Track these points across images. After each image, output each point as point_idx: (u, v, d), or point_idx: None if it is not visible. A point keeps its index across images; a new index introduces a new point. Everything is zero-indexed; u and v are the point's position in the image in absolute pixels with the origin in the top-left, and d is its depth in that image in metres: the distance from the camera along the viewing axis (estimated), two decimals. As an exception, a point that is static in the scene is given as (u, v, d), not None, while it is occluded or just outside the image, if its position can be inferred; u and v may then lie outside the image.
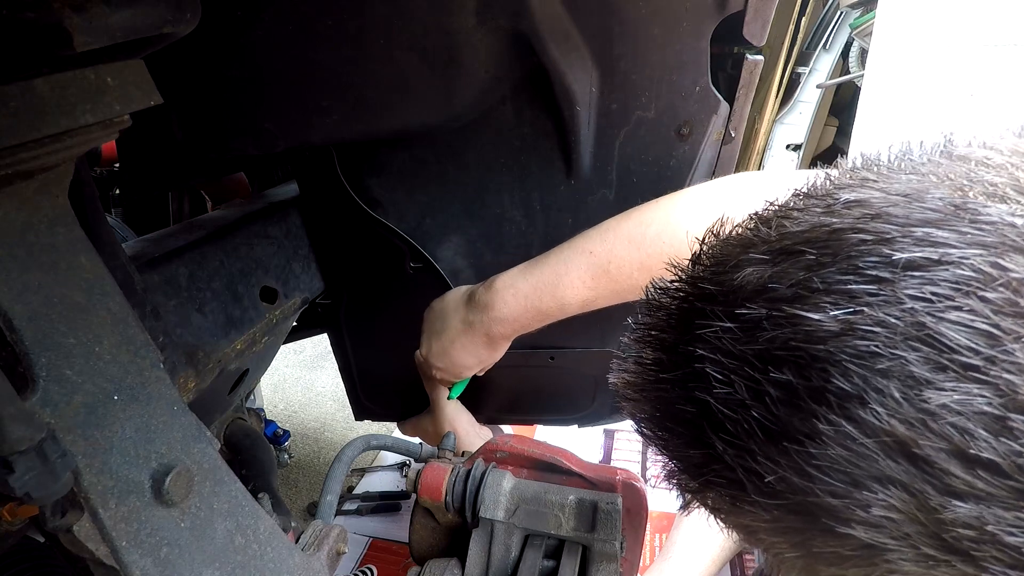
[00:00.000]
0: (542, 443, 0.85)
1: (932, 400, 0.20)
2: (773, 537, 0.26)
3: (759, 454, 0.24)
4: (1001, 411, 0.20)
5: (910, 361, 0.21)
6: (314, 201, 0.83)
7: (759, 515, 0.25)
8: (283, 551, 0.51)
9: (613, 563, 0.64)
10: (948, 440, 0.20)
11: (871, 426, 0.21)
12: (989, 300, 0.20)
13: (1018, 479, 0.20)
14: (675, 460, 0.30)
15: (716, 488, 0.27)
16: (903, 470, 0.21)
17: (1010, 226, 0.21)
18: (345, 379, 1.04)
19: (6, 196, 0.34)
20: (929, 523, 0.21)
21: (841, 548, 0.23)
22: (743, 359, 0.24)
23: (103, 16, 0.32)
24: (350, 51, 0.60)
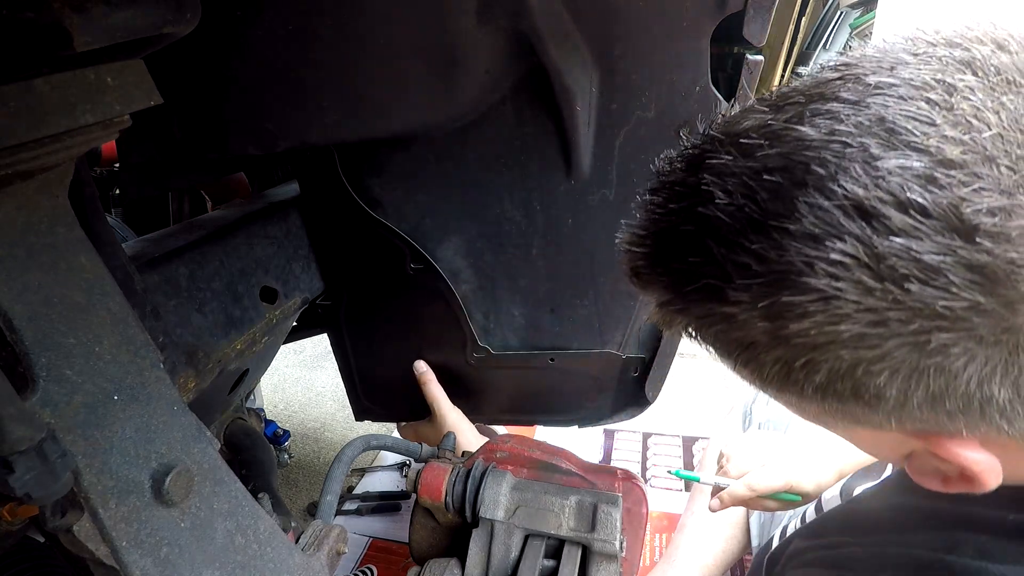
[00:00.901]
0: (542, 443, 0.85)
1: (882, 167, 0.27)
2: (750, 314, 0.32)
3: (746, 244, 0.30)
4: (931, 168, 0.27)
5: (870, 145, 0.28)
6: (315, 201, 0.83)
7: (739, 298, 0.31)
8: (283, 551, 0.51)
9: (613, 563, 0.64)
10: (891, 194, 0.27)
11: (837, 195, 0.28)
12: (931, 100, 0.28)
13: (939, 218, 0.27)
14: (668, 288, 0.36)
15: (702, 296, 0.33)
16: (857, 225, 0.28)
17: (951, 56, 0.30)
18: (345, 379, 1.04)
19: (6, 196, 0.34)
20: (872, 262, 0.28)
21: (806, 301, 0.29)
22: (742, 174, 0.31)
23: (103, 16, 0.32)
24: (350, 51, 0.60)
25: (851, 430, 0.40)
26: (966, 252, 0.26)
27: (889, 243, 0.27)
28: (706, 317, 0.35)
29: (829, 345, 0.31)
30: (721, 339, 0.36)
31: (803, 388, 0.34)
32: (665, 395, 0.98)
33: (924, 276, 0.27)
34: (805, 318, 0.30)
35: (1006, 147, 0.27)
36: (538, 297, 0.84)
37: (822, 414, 0.37)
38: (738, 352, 0.35)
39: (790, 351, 0.32)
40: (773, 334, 0.32)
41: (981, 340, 0.28)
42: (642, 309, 0.86)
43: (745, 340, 0.34)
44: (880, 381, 0.31)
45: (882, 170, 0.27)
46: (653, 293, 0.38)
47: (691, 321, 0.36)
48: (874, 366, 0.30)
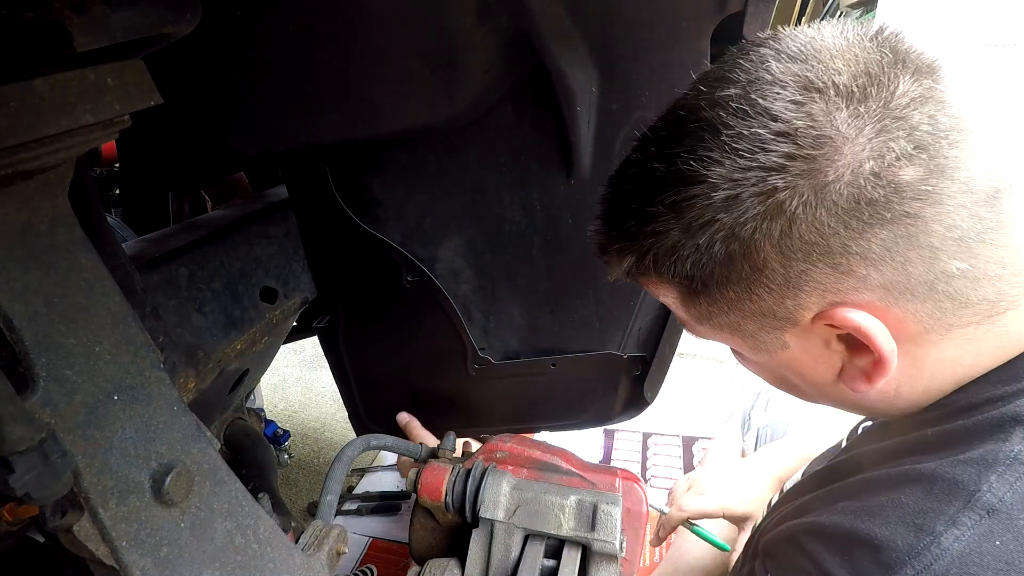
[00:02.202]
0: (542, 443, 0.85)
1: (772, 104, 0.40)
2: (665, 222, 0.43)
3: (658, 175, 0.44)
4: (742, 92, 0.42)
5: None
6: (307, 219, 0.83)
7: (657, 211, 0.44)
8: (283, 551, 0.51)
9: (613, 563, 0.64)
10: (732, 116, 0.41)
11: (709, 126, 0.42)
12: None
13: (757, 117, 0.40)
14: (619, 240, 0.48)
15: (637, 229, 0.46)
16: (711, 138, 0.42)
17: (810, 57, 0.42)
18: (346, 400, 1.03)
19: (6, 196, 0.34)
20: (721, 156, 0.41)
21: (694, 191, 0.42)
22: (646, 139, 0.46)
23: (103, 16, 0.32)
24: (350, 51, 0.60)
25: (787, 346, 0.48)
26: (775, 124, 0.39)
27: (728, 132, 0.40)
28: (642, 244, 0.46)
29: (715, 217, 0.42)
30: (656, 256, 0.46)
31: (715, 270, 0.44)
32: (665, 395, 0.98)
33: (749, 146, 0.40)
34: (697, 200, 0.42)
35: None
36: (538, 297, 0.84)
37: (757, 326, 0.47)
38: (668, 260, 0.45)
39: (694, 236, 0.43)
40: (684, 228, 0.43)
41: (800, 175, 0.39)
42: (642, 309, 0.86)
43: (668, 244, 0.44)
44: (753, 234, 0.41)
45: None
46: (615, 256, 0.49)
47: (636, 256, 0.47)
48: (744, 218, 0.41)
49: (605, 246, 0.50)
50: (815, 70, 0.40)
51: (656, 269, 0.47)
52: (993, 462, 0.41)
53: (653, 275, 0.48)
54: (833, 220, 0.40)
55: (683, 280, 0.46)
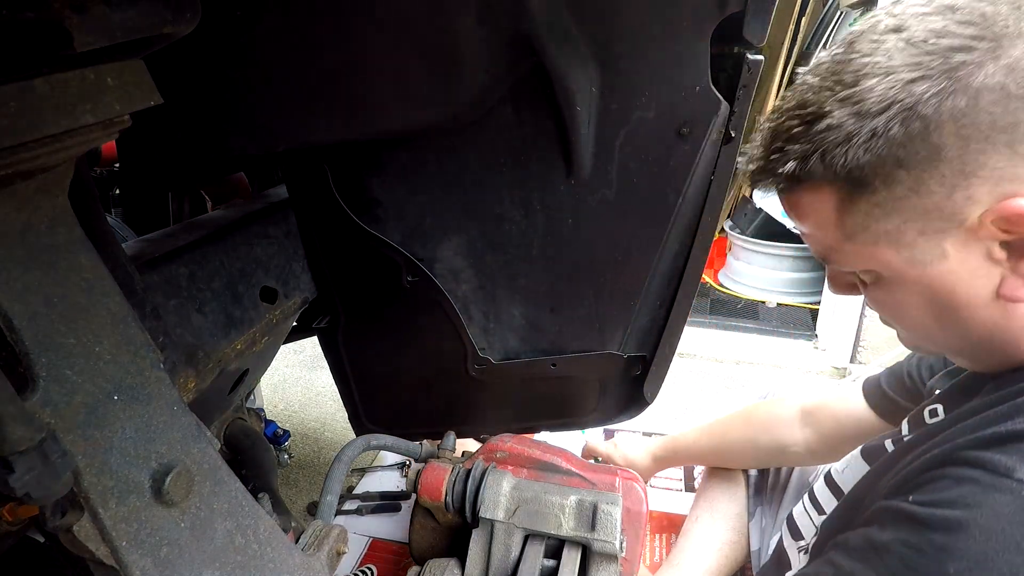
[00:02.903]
0: (542, 443, 0.85)
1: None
2: (841, 111, 0.46)
3: (831, 79, 0.48)
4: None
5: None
6: (307, 219, 0.83)
7: (832, 109, 0.47)
8: (283, 551, 0.51)
9: (613, 563, 0.64)
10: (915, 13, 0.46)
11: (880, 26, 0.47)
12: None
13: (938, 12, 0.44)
14: (783, 144, 0.51)
15: (803, 130, 0.49)
16: (895, 36, 0.45)
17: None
18: (345, 401, 1.03)
19: (6, 196, 0.34)
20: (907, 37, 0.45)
21: (869, 78, 0.45)
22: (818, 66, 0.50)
23: (103, 16, 0.32)
24: (350, 51, 0.60)
25: (944, 259, 0.48)
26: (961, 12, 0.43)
27: (916, 24, 0.44)
28: (812, 140, 0.48)
29: (897, 98, 0.44)
30: (825, 152, 0.47)
31: (893, 150, 0.45)
32: (665, 395, 0.98)
33: (935, 35, 0.43)
34: (869, 78, 0.44)
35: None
36: (538, 297, 0.84)
37: (923, 233, 0.48)
38: (838, 150, 0.47)
39: (871, 119, 0.44)
40: (857, 113, 0.45)
41: (988, 51, 0.42)
42: (642, 309, 0.86)
43: (840, 137, 0.46)
44: (935, 111, 0.43)
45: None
46: (778, 160, 0.51)
47: (800, 157, 0.49)
48: (927, 95, 0.43)
49: (764, 161, 0.52)
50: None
51: (823, 164, 0.48)
52: None
53: (816, 177, 0.49)
54: (1017, 100, 0.41)
55: (849, 176, 0.47)
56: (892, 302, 0.55)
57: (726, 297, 2.56)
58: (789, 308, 2.42)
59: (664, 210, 0.74)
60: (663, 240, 0.77)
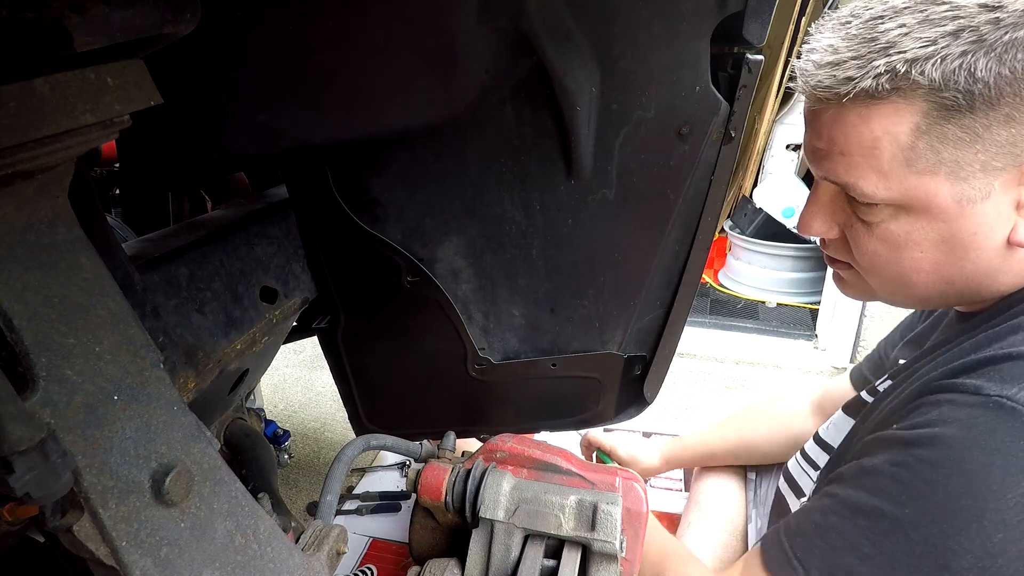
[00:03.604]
0: (542, 443, 0.85)
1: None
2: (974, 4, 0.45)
3: None
4: None
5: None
6: (307, 219, 0.83)
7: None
8: (283, 551, 0.51)
9: (613, 563, 0.64)
10: None
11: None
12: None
13: None
14: (877, 43, 0.49)
15: (916, 29, 0.46)
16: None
17: None
18: (346, 401, 1.03)
19: (6, 196, 0.34)
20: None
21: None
22: None
23: (103, 16, 0.32)
24: (350, 51, 0.60)
25: (983, 202, 0.49)
26: None
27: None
28: (934, 42, 0.45)
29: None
30: (947, 56, 0.44)
31: (997, 93, 0.44)
32: (665, 395, 0.98)
33: None
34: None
35: None
36: (538, 297, 0.84)
37: (986, 164, 0.48)
38: (966, 62, 0.44)
39: (1017, 31, 0.43)
40: (998, 24, 0.43)
41: None
42: (642, 309, 0.86)
43: (973, 46, 0.44)
44: None
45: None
46: (869, 58, 0.48)
47: (915, 57, 0.46)
48: None
49: (838, 68, 0.50)
50: None
51: (936, 73, 0.46)
52: None
53: (910, 89, 0.47)
54: None
55: (958, 92, 0.46)
56: (900, 240, 0.56)
57: (726, 297, 2.56)
58: (789, 308, 2.42)
59: (664, 210, 0.74)
60: (663, 240, 0.77)
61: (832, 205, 0.60)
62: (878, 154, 0.51)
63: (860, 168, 0.53)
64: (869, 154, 0.52)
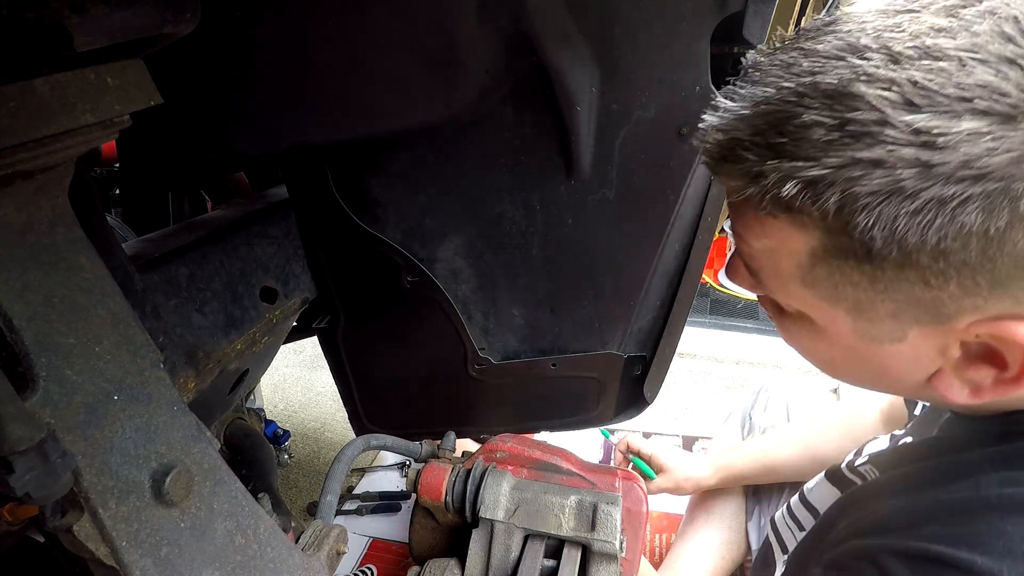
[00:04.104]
0: (542, 443, 0.85)
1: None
2: (906, 152, 0.31)
3: (912, 80, 0.31)
4: None
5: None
6: (307, 219, 0.83)
7: (896, 136, 0.31)
8: (283, 551, 0.51)
9: (613, 563, 0.64)
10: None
11: (1022, 22, 0.30)
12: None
13: None
14: (793, 146, 0.35)
15: (844, 143, 0.33)
16: None
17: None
18: (346, 401, 1.03)
19: (6, 196, 0.34)
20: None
21: (984, 125, 0.29)
22: (896, 24, 0.33)
23: (103, 16, 0.32)
24: (350, 51, 0.60)
25: (901, 340, 0.40)
26: None
27: None
28: (839, 169, 0.33)
29: (995, 174, 0.30)
30: (852, 195, 0.33)
31: (941, 241, 0.32)
32: (665, 395, 0.98)
33: None
34: (978, 143, 0.29)
35: None
36: (538, 297, 0.84)
37: (893, 314, 0.38)
38: (873, 207, 0.33)
39: (946, 188, 0.30)
40: (929, 171, 0.31)
41: None
42: (642, 309, 0.86)
43: (886, 188, 0.32)
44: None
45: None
46: (757, 163, 0.36)
47: (810, 182, 0.34)
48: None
49: (749, 151, 0.36)
50: None
51: (840, 210, 0.34)
52: None
53: (804, 214, 0.36)
54: None
55: (863, 239, 0.34)
56: (810, 345, 0.47)
57: (726, 297, 2.56)
58: (789, 308, 2.42)
59: (664, 210, 0.74)
60: (663, 240, 0.77)
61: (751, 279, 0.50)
62: (776, 263, 0.42)
63: (762, 266, 0.44)
64: (769, 258, 0.42)
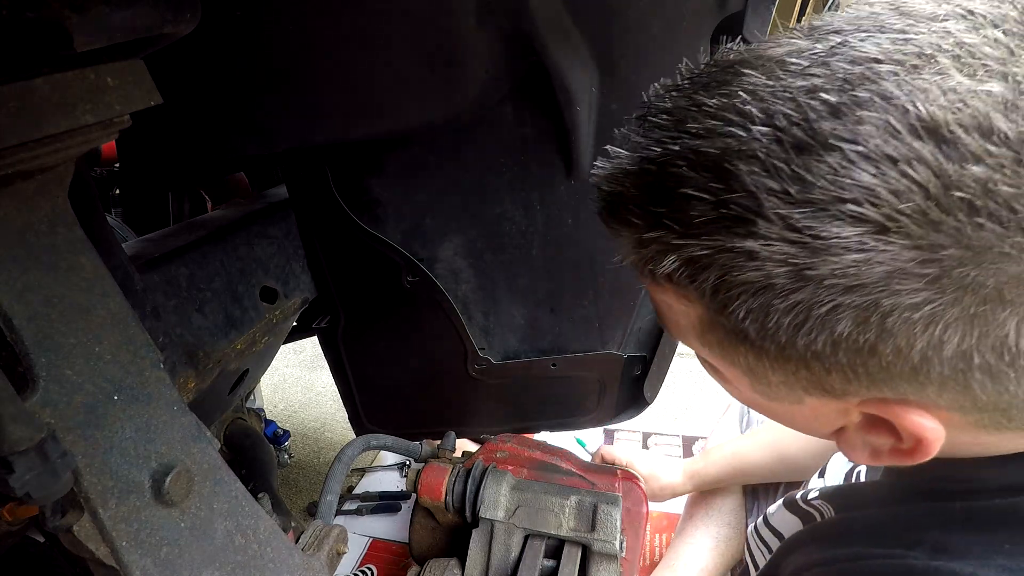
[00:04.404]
0: (542, 443, 0.85)
1: (962, 89, 0.25)
2: (776, 248, 0.28)
3: (788, 168, 0.27)
4: (1013, 95, 0.25)
5: (948, 68, 0.26)
6: (307, 219, 0.83)
7: (768, 231, 0.28)
8: (283, 551, 0.51)
9: (613, 563, 0.64)
10: (973, 118, 0.25)
11: (910, 115, 0.26)
12: (1008, 31, 0.27)
13: (1019, 149, 0.25)
14: (666, 221, 0.32)
15: (715, 228, 0.30)
16: (929, 149, 0.25)
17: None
18: (345, 401, 1.03)
19: (6, 196, 0.34)
20: (941, 192, 0.25)
21: (856, 234, 0.27)
22: (788, 93, 0.28)
23: (103, 16, 0.32)
24: (350, 51, 0.60)
25: (798, 403, 0.37)
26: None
27: (962, 171, 0.25)
28: (714, 254, 0.30)
29: (867, 287, 0.27)
30: (726, 282, 0.31)
31: (813, 342, 0.30)
32: (665, 395, 0.98)
33: (996, 211, 0.25)
34: (848, 253, 0.27)
35: None
36: (538, 297, 0.84)
37: (785, 383, 0.35)
38: (743, 298, 0.30)
39: (816, 294, 0.28)
40: (799, 274, 0.28)
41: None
42: (642, 309, 0.86)
43: (760, 283, 0.29)
44: (915, 331, 0.28)
45: (962, 91, 0.25)
46: (639, 229, 0.33)
47: (688, 261, 0.31)
48: (915, 313, 0.27)
49: (626, 210, 0.34)
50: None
51: (714, 293, 0.32)
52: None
53: (689, 291, 0.33)
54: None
55: (738, 327, 0.32)
56: (725, 387, 0.43)
57: (726, 297, 2.56)
58: (789, 308, 2.42)
59: (664, 210, 0.74)
60: (663, 240, 0.77)
61: None
62: (675, 318, 0.39)
63: (663, 316, 0.41)
64: (667, 311, 0.39)
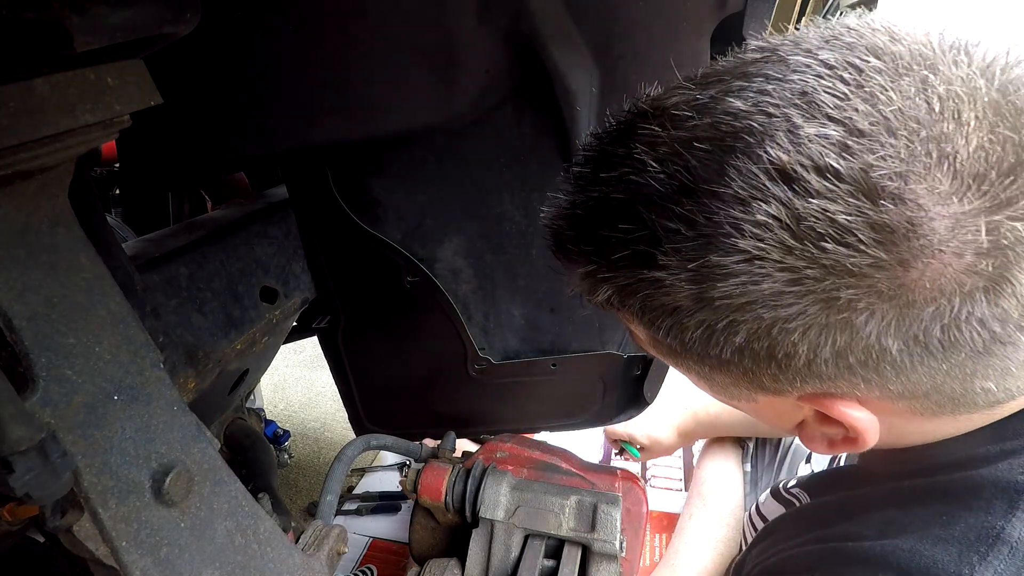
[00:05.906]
0: (542, 443, 0.85)
1: (803, 135, 0.30)
2: (677, 277, 0.34)
3: (677, 209, 0.33)
4: (844, 136, 0.30)
5: (793, 115, 0.31)
6: (307, 219, 0.83)
7: (668, 263, 0.33)
8: (283, 551, 0.51)
9: (613, 563, 0.64)
10: (811, 159, 0.30)
11: (763, 159, 0.31)
12: (844, 78, 0.31)
13: (850, 182, 0.29)
14: (596, 256, 0.37)
15: (631, 262, 0.35)
16: (780, 188, 0.30)
17: (858, 43, 0.32)
18: (345, 401, 1.03)
19: (6, 196, 0.34)
20: (792, 223, 0.30)
21: (732, 262, 0.32)
22: (673, 143, 0.34)
23: (103, 16, 0.32)
24: (350, 51, 0.60)
25: (754, 400, 0.42)
26: (872, 212, 0.29)
27: (807, 204, 0.30)
28: (633, 284, 0.36)
29: (751, 305, 0.33)
30: (647, 306, 0.37)
31: (722, 352, 0.36)
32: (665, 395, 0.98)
33: (837, 235, 0.30)
34: (731, 278, 0.32)
35: (905, 121, 0.30)
36: (538, 297, 0.84)
37: (733, 384, 0.41)
38: (662, 319, 0.37)
39: (714, 313, 0.34)
40: (699, 296, 0.34)
41: (881, 295, 0.31)
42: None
43: (671, 305, 0.36)
44: (794, 338, 0.33)
45: (803, 137, 0.30)
46: (579, 264, 0.39)
47: (617, 289, 0.38)
48: (790, 324, 0.33)
49: (567, 249, 0.41)
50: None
51: (640, 314, 0.38)
52: (976, 542, 0.39)
53: (630, 318, 0.40)
54: (900, 341, 0.33)
55: (673, 342, 0.38)
56: (698, 387, 0.47)
57: (726, 297, 2.56)
58: (789, 308, 2.42)
59: (664, 210, 0.74)
60: (663, 240, 0.77)
61: None
62: (634, 334, 0.44)
63: (627, 330, 0.46)
64: (627, 329, 0.45)
